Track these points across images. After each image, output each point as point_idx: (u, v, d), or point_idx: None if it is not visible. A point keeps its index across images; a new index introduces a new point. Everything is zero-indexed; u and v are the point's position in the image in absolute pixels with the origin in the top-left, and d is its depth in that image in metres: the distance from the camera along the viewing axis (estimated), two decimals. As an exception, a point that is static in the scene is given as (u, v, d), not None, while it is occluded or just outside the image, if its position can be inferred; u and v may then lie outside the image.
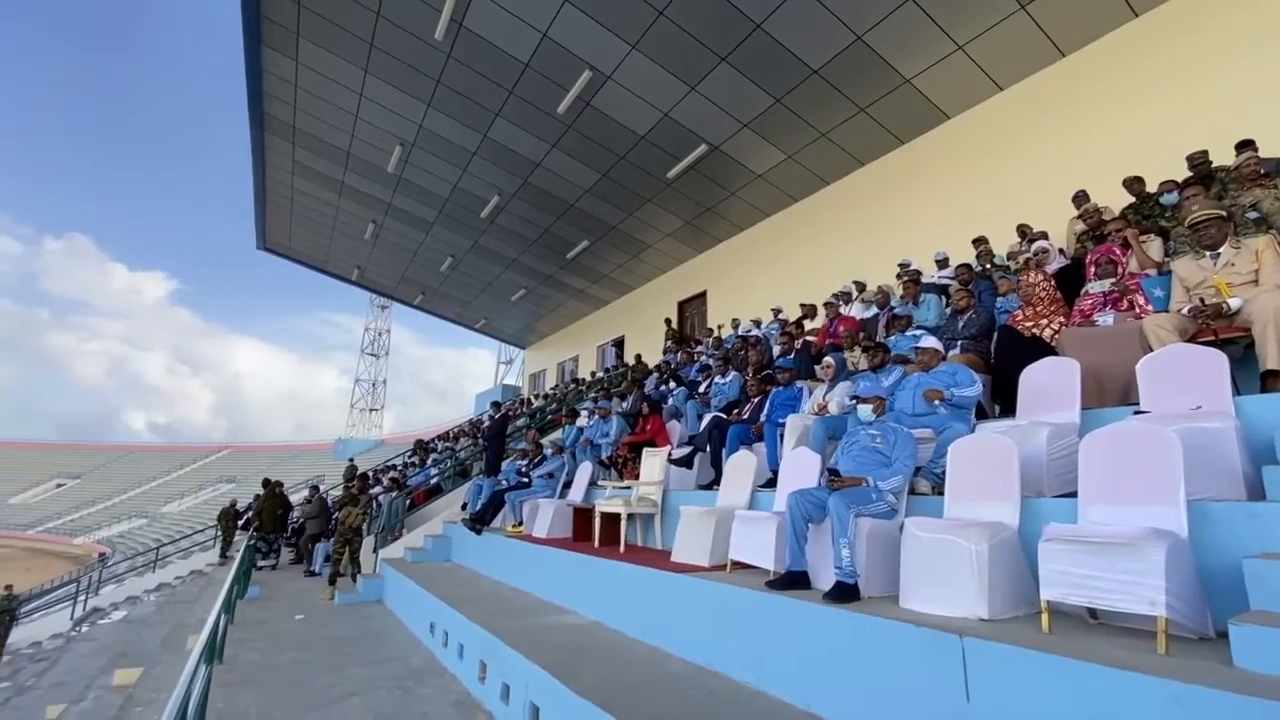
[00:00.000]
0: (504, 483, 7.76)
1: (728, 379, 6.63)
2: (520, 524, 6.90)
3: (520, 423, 13.32)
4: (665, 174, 11.76)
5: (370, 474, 10.13)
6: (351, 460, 17.54)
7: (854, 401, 3.70)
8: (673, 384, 8.58)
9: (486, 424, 12.66)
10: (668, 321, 14.44)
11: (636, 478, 5.74)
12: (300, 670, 4.82)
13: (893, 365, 4.41)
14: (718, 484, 4.98)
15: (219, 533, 14.77)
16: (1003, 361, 4.12)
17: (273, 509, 10.70)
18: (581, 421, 9.02)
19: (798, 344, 6.34)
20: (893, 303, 6.52)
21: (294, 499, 13.73)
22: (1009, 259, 6.72)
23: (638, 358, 13.55)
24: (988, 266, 6.64)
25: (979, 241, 7.12)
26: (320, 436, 64.36)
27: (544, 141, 11.49)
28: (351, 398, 60.18)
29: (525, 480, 7.47)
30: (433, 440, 19.30)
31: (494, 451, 9.10)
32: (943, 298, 6.17)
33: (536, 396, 20.23)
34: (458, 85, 10.36)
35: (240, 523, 14.72)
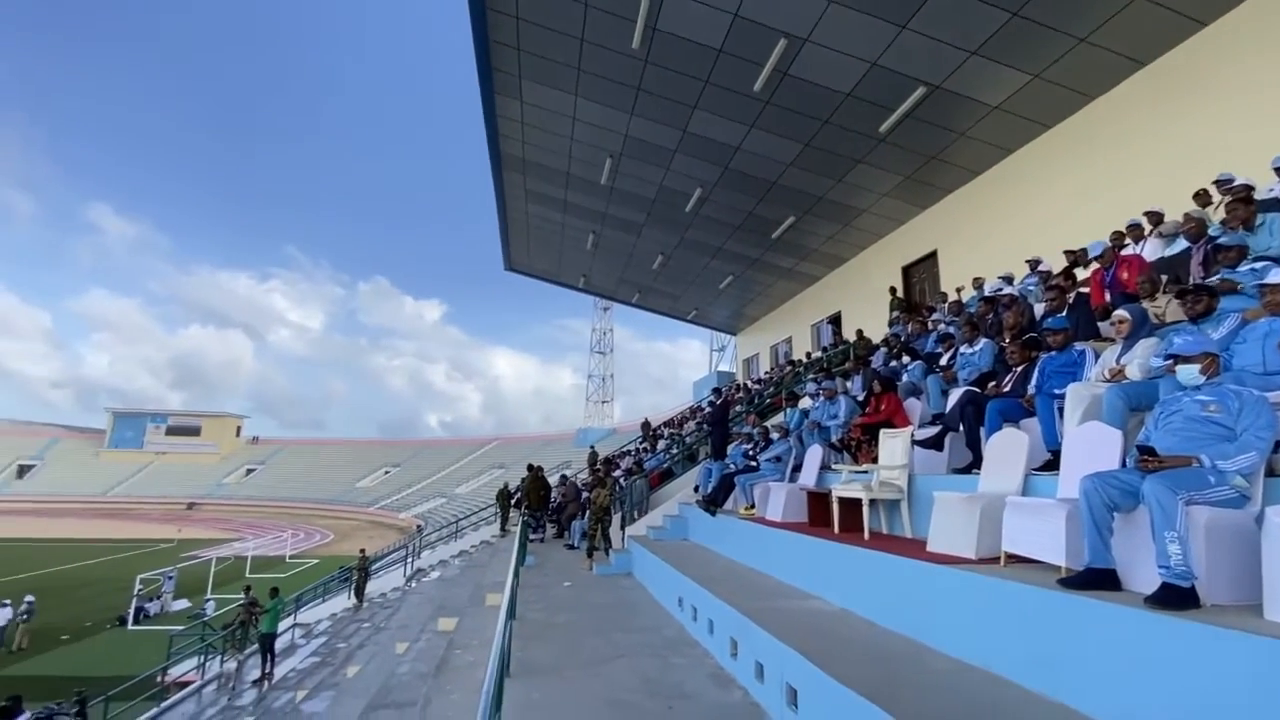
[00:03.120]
0: (732, 466, 7.91)
1: (976, 347, 5.83)
2: (752, 506, 6.97)
3: (739, 408, 13.44)
4: (877, 129, 10.76)
5: (610, 458, 11.14)
6: (592, 447, 19.52)
7: (1167, 362, 2.96)
8: (906, 358, 7.83)
9: (707, 410, 13.03)
10: (892, 290, 13.24)
11: (874, 461, 5.38)
12: (574, 631, 5.52)
13: (1223, 312, 3.41)
14: (977, 467, 4.42)
15: (498, 511, 17.66)
16: None
17: (536, 490, 12.42)
18: (804, 404, 8.75)
19: (1070, 298, 5.28)
20: (1211, 231, 5.06)
21: (550, 481, 15.78)
22: None
23: (859, 333, 12.68)
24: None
25: (1356, 130, 5.14)
26: (563, 427, 73.06)
27: (742, 124, 11.36)
28: (586, 392, 67.26)
29: (753, 464, 7.51)
30: (658, 426, 20.54)
31: (718, 436, 9.33)
32: (1294, 215, 4.59)
33: (752, 381, 20.21)
34: (656, 88, 10.78)
35: (512, 502, 17.38)
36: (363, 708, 6.31)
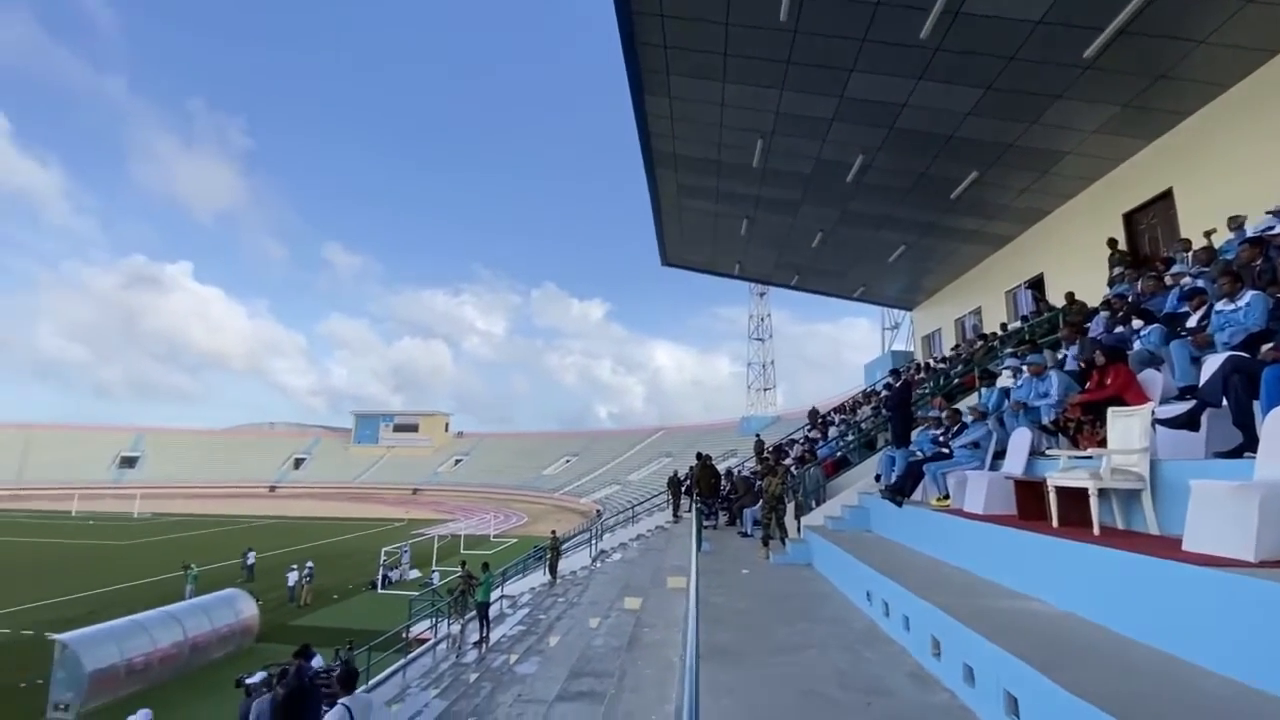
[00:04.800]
0: (919, 454, 7.32)
1: (1241, 303, 4.69)
2: (946, 497, 6.39)
3: (922, 389, 12.34)
4: (1079, 56, 9.12)
5: (780, 446, 10.93)
6: (758, 435, 19.32)
7: None
8: (1137, 321, 6.57)
9: (885, 393, 12.18)
10: (1112, 243, 11.18)
11: (1100, 445, 4.62)
12: (757, 617, 5.55)
13: None
14: (1249, 449, 3.59)
15: (669, 498, 18.27)
16: None
17: (707, 478, 12.62)
18: (1003, 381, 7.78)
19: (1390, 230, 4.03)
20: None
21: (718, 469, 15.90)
22: None
23: (1070, 297, 10.90)
24: None
25: None
26: (725, 415, 73.24)
27: (907, 78, 10.36)
28: (746, 380, 66.66)
29: (944, 451, 6.88)
30: (828, 413, 19.66)
31: (900, 421, 8.66)
32: None
33: (935, 359, 18.43)
34: (807, 57, 10.26)
35: (683, 489, 17.85)
36: (566, 674, 6.95)
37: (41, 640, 15.54)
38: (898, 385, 9.51)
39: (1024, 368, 6.75)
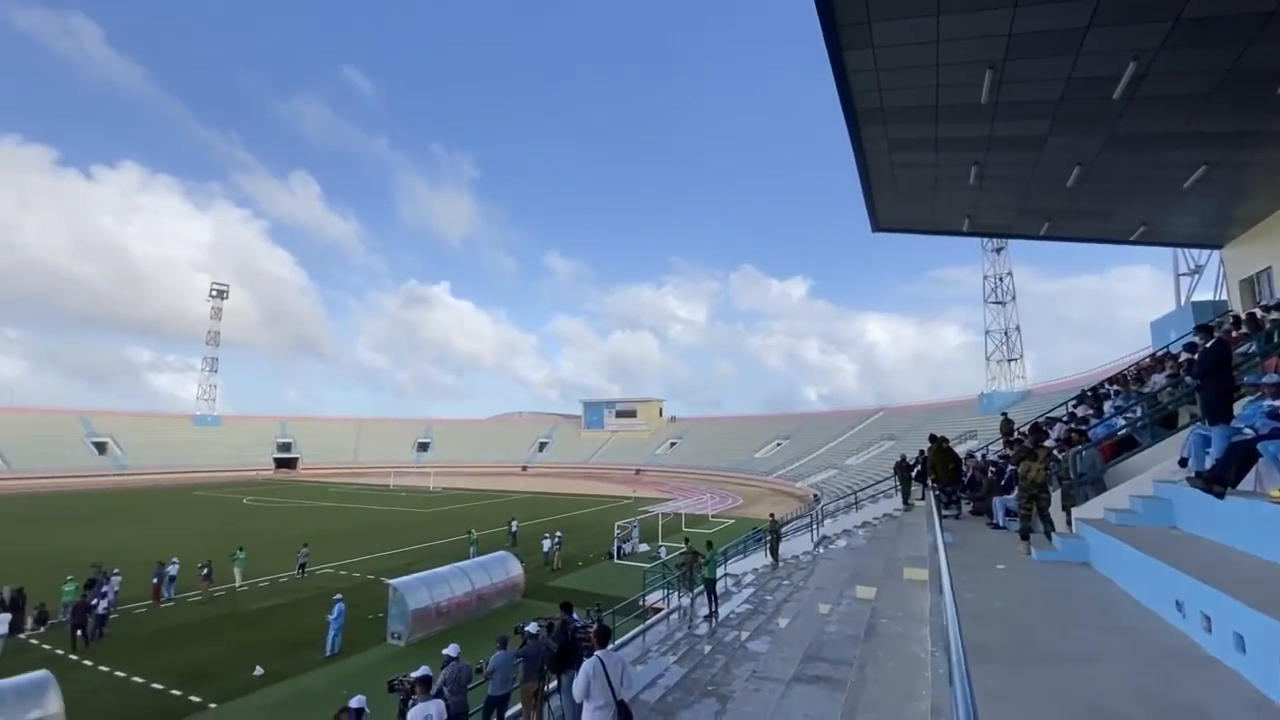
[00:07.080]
0: (1247, 431, 5.72)
1: None
2: (1297, 488, 4.91)
3: (1247, 348, 9.57)
4: None
5: (1038, 426, 9.44)
6: (1004, 414, 16.86)
7: None
8: None
9: (1187, 357, 9.76)
10: None
11: None
12: (1021, 619, 4.92)
13: None
14: None
15: (897, 484, 16.96)
16: None
17: (944, 462, 11.40)
18: (1394, 331, 5.66)
19: None
20: None
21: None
22: None
23: None
24: None
25: None
26: (956, 393, 65.34)
27: (1202, -51, 8.03)
28: (984, 350, 58.34)
29: (1290, 427, 5.27)
30: (1101, 384, 16.37)
31: (1214, 391, 6.80)
32: None
33: (1263, 309, 14.10)
34: (1048, -40, 8.56)
35: (913, 475, 16.41)
36: (800, 656, 6.94)
37: (380, 584, 20.32)
38: (1208, 345, 7.46)
39: None
